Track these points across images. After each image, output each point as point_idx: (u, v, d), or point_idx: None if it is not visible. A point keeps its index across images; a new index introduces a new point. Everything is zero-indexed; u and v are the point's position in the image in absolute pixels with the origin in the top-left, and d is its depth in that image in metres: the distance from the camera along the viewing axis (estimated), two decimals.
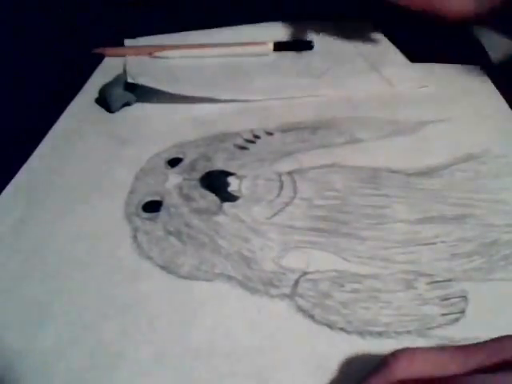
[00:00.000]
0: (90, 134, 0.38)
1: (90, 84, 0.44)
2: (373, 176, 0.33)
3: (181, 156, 0.35)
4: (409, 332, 0.24)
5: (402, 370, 0.18)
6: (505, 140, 0.37)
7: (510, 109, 0.39)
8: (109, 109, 0.40)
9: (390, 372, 0.19)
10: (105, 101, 0.40)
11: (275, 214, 0.31)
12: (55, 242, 0.29)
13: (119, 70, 0.45)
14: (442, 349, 0.20)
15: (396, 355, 0.19)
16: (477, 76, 0.44)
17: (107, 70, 0.46)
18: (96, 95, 0.42)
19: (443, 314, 0.25)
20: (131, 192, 0.33)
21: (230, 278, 0.27)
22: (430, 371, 0.18)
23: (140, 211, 0.31)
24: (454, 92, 0.42)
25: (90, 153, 0.36)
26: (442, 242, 0.29)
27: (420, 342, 0.24)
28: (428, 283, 0.26)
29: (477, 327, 0.24)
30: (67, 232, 0.30)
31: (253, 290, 0.26)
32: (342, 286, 0.26)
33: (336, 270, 0.27)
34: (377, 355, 0.23)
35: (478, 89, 0.42)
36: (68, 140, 0.38)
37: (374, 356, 0.23)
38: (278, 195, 0.32)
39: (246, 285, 0.27)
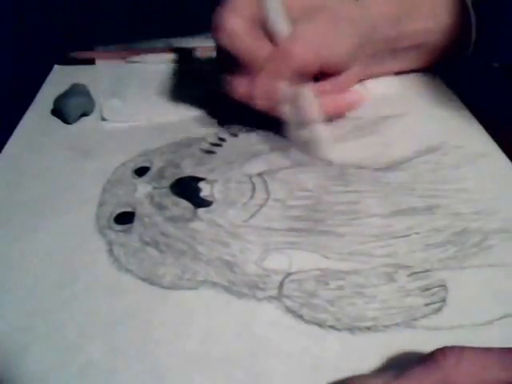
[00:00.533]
0: (48, 147, 0.37)
1: (41, 94, 0.43)
2: (341, 173, 0.34)
3: (147, 165, 0.35)
4: (397, 324, 0.25)
5: (450, 367, 0.19)
6: (460, 131, 0.38)
7: (461, 102, 0.41)
8: (66, 120, 0.39)
9: (438, 367, 0.19)
10: (61, 112, 0.39)
11: (251, 217, 0.31)
12: (26, 262, 0.28)
13: (70, 78, 0.43)
14: (489, 350, 0.20)
15: (445, 352, 0.19)
16: (429, 79, 0.45)
17: (58, 78, 0.45)
18: (50, 105, 0.40)
19: (426, 304, 0.26)
20: (100, 205, 0.32)
21: (214, 284, 0.27)
22: (476, 372, 0.19)
23: (112, 224, 0.30)
24: (405, 91, 0.43)
25: (51, 167, 0.35)
26: (416, 233, 0.30)
27: (408, 334, 0.24)
28: (408, 275, 0.27)
29: (460, 315, 0.25)
30: (37, 250, 0.29)
31: (239, 295, 0.26)
32: (327, 283, 0.27)
33: (318, 269, 0.27)
34: (369, 350, 0.24)
35: (430, 87, 0.44)
36: (26, 155, 0.36)
37: (366, 351, 0.24)
38: (252, 197, 0.32)
39: (231, 290, 0.27)
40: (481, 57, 0.41)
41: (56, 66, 0.47)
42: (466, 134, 0.38)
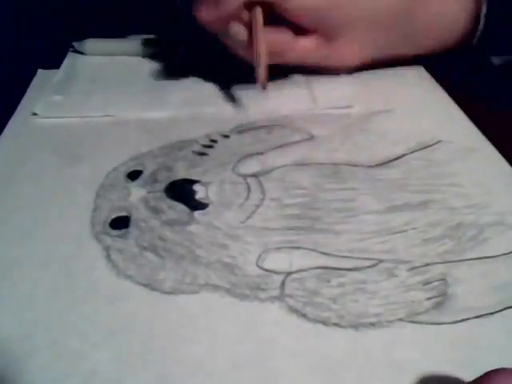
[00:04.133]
0: (37, 153, 0.36)
1: (26, 99, 0.42)
2: (335, 171, 0.34)
3: (140, 168, 0.34)
4: (400, 319, 0.25)
5: None
6: (450, 127, 0.39)
7: (450, 98, 0.42)
8: None
9: None
10: None
11: (248, 218, 0.30)
12: (23, 270, 0.28)
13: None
14: None
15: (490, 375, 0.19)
16: (416, 72, 0.46)
17: (43, 83, 0.44)
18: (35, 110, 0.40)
19: (427, 299, 0.26)
20: (94, 210, 0.31)
21: (215, 287, 0.27)
22: None
23: (108, 229, 0.30)
24: (393, 86, 0.44)
25: (42, 173, 0.35)
26: (413, 228, 0.30)
27: (412, 328, 0.24)
28: (408, 270, 0.27)
29: (461, 308, 0.25)
30: (34, 258, 0.28)
31: (241, 296, 0.26)
32: (328, 281, 0.27)
33: (319, 267, 0.27)
34: (375, 346, 0.24)
35: (417, 82, 0.44)
36: (14, 161, 0.36)
37: (372, 347, 0.24)
38: (247, 198, 0.32)
39: (233, 292, 0.26)
40: (483, 49, 0.43)
41: (40, 71, 0.46)
42: (455, 129, 0.38)
